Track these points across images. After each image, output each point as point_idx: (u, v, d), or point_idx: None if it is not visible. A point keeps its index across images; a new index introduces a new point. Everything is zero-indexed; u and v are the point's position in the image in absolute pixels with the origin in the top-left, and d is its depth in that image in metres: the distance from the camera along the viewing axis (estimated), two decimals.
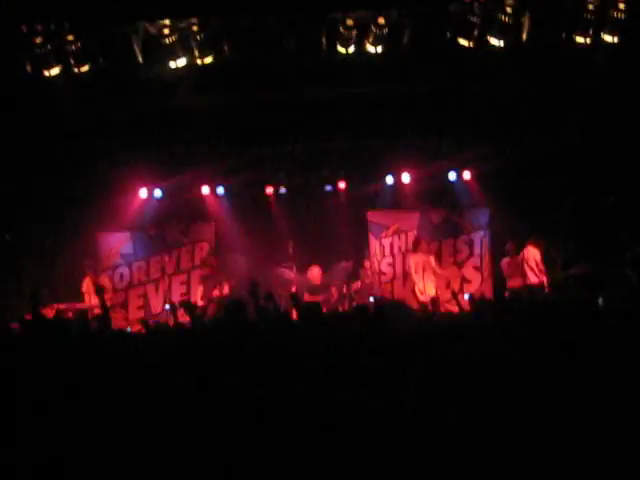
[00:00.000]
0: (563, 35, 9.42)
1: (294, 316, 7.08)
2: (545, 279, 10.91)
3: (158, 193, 12.22)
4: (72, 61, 9.37)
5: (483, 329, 4.89)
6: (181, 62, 9.60)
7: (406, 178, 12.31)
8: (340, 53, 9.70)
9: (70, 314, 10.30)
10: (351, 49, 9.64)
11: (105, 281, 11.21)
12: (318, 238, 12.36)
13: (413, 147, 12.05)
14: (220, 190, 12.43)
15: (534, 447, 3.22)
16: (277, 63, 9.78)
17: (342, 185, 12.58)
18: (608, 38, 9.34)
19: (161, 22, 9.33)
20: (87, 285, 11.10)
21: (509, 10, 9.19)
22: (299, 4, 9.15)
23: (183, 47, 9.54)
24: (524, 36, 9.49)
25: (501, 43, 9.38)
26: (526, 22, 9.35)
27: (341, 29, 9.43)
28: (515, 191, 11.74)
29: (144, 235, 12.10)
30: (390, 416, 3.51)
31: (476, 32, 9.44)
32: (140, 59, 9.56)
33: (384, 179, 12.45)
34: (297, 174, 12.47)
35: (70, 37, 9.22)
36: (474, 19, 9.36)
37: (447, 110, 11.06)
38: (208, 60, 9.62)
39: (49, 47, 9.21)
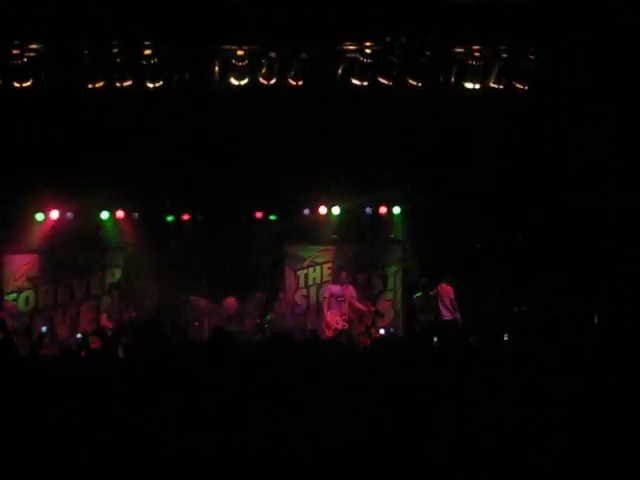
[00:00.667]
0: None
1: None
2: (458, 315, 11.14)
3: (70, 215, 11.89)
4: None
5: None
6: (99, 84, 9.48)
7: (323, 211, 12.42)
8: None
9: None
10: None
11: (8, 305, 10.80)
12: (233, 269, 12.28)
13: (332, 181, 12.18)
14: (135, 215, 12.20)
15: None
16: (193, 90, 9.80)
17: (259, 215, 12.57)
18: (518, 85, 9.76)
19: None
20: None
21: (428, 53, 9.51)
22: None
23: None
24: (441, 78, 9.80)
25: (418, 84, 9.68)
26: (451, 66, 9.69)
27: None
28: (429, 228, 12.01)
29: (53, 258, 11.72)
30: None
31: (395, 72, 9.71)
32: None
33: (302, 211, 12.52)
34: (215, 202, 12.39)
35: None
36: (394, 59, 9.65)
37: (366, 146, 11.26)
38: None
39: None
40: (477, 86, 9.81)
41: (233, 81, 9.80)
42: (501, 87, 9.83)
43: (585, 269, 10.91)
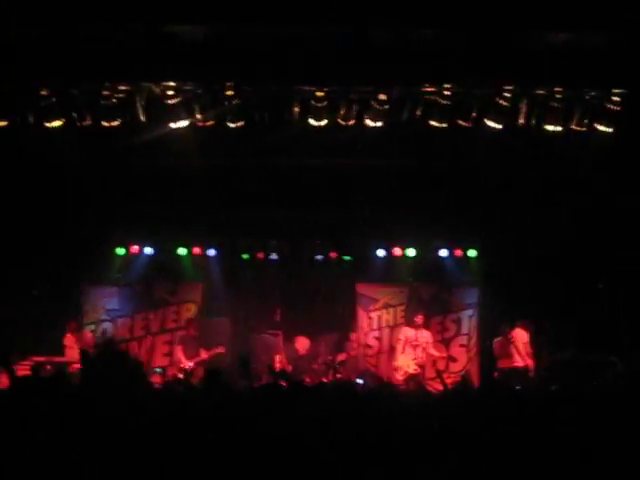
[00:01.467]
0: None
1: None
2: (531, 362, 10.82)
3: (149, 250, 12.19)
4: (75, 115, 9.44)
5: (467, 408, 4.79)
6: (182, 123, 9.69)
7: (398, 252, 12.36)
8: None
9: (49, 367, 10.15)
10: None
11: (87, 336, 11.06)
12: (306, 307, 12.30)
13: (406, 222, 12.12)
14: (211, 252, 12.40)
15: None
16: (274, 130, 9.90)
17: (333, 255, 12.60)
18: (602, 128, 9.51)
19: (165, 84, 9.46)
20: (69, 339, 10.92)
21: (507, 95, 9.40)
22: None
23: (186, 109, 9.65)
24: (520, 120, 9.64)
25: (498, 126, 9.55)
26: (523, 107, 9.52)
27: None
28: (506, 272, 11.77)
29: (131, 291, 12.00)
30: None
31: (474, 114, 9.63)
32: (142, 118, 9.64)
33: (375, 252, 12.48)
34: (290, 241, 12.49)
35: (74, 91, 9.33)
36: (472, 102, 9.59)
37: (442, 188, 11.18)
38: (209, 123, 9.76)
39: (53, 100, 9.29)
40: (559, 128, 9.63)
41: (312, 122, 9.89)
42: (584, 129, 9.59)
43: None
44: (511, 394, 5.12)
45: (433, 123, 9.78)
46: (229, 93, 9.53)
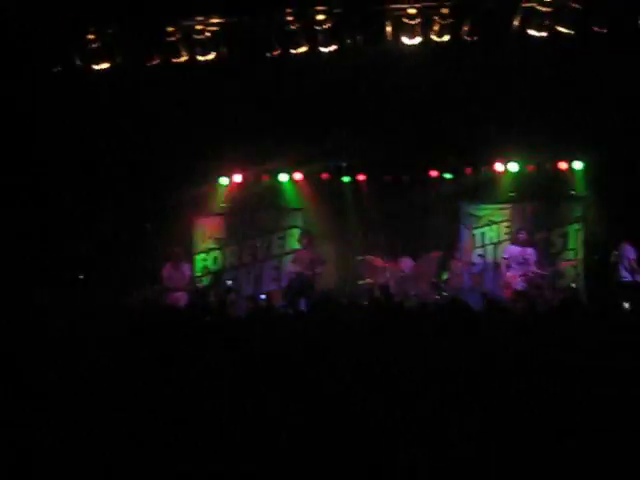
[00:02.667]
0: None
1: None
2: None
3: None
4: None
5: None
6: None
7: (500, 168, 12.13)
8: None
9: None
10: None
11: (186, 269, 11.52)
12: (409, 228, 12.33)
13: (509, 137, 11.82)
14: (301, 177, 12.53)
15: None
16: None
17: (434, 174, 12.49)
18: None
19: None
20: (168, 270, 11.24)
21: None
22: None
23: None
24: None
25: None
26: None
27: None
28: (613, 183, 11.35)
29: (236, 220, 12.34)
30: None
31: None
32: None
33: (478, 169, 12.30)
34: (391, 162, 12.44)
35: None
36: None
37: (545, 99, 10.77)
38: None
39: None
40: None
41: (405, 40, 9.70)
42: None
43: None
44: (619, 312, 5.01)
45: (532, 32, 9.43)
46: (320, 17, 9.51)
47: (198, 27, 9.58)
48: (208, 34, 9.68)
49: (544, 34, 9.44)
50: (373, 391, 3.67)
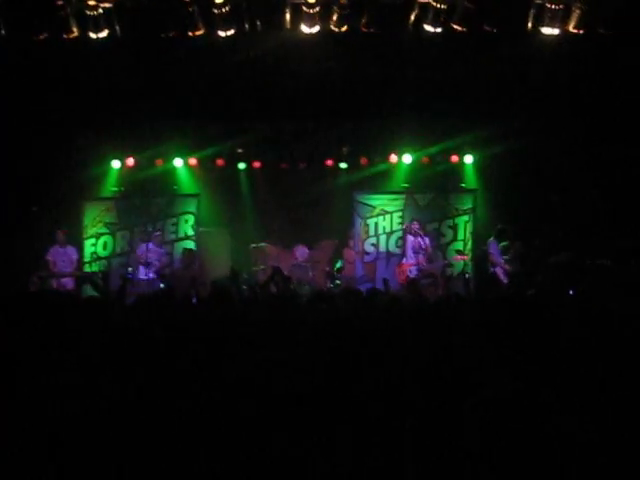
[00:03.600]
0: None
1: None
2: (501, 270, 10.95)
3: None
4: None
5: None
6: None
7: (394, 159, 12.41)
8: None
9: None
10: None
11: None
12: (304, 217, 12.42)
13: (404, 129, 12.09)
14: (195, 162, 12.40)
15: None
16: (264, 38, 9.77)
17: (330, 163, 12.63)
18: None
19: None
20: (53, 254, 11.02)
21: None
22: None
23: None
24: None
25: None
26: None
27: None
28: (502, 177, 11.83)
29: (128, 205, 12.05)
30: None
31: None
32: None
33: (373, 160, 12.52)
34: (286, 151, 12.47)
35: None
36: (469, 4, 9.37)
37: (439, 93, 11.04)
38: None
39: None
40: (556, 31, 9.45)
41: (304, 29, 9.69)
42: (580, 32, 9.41)
43: None
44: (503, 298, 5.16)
45: (428, 28, 9.63)
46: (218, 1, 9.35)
47: (91, 3, 9.20)
48: (101, 11, 9.31)
49: (439, 30, 9.65)
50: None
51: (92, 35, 9.46)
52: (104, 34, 9.49)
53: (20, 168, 11.20)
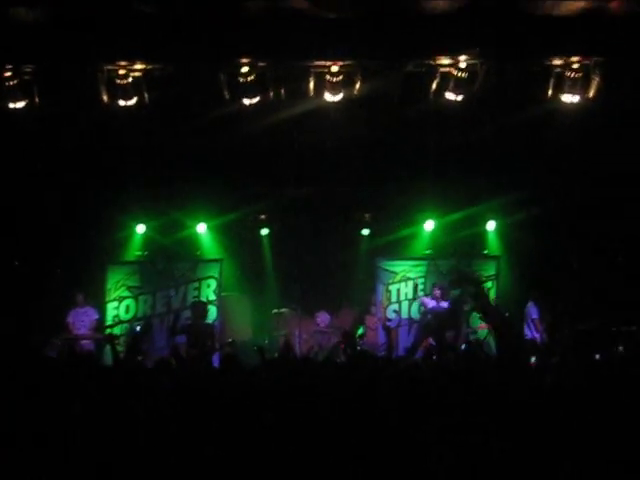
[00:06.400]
0: None
1: None
2: (539, 337, 10.79)
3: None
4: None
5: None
6: None
7: (416, 226, 12.43)
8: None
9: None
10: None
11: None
12: (326, 283, 12.39)
13: (425, 196, 12.15)
14: (218, 227, 12.52)
15: None
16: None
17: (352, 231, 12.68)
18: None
19: None
20: (72, 316, 11.15)
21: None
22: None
23: None
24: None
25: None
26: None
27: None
28: (525, 244, 11.78)
29: (151, 269, 12.12)
30: None
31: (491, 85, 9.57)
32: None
33: (394, 226, 12.55)
34: (308, 217, 12.54)
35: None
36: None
37: (461, 161, 11.11)
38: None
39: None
40: (576, 99, 9.53)
41: (327, 97, 9.86)
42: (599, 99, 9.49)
43: None
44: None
45: (449, 96, 9.74)
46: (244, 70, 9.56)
47: (121, 72, 9.46)
48: (130, 79, 9.57)
49: (460, 98, 9.77)
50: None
51: (121, 102, 9.69)
52: (133, 102, 9.72)
53: (45, 230, 11.36)
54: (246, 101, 9.86)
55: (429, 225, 12.48)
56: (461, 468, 3.32)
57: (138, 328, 10.95)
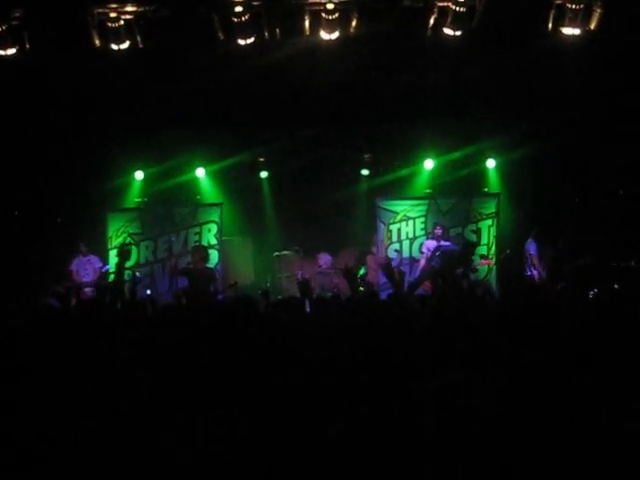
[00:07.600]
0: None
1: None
2: (537, 274, 10.85)
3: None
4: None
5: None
6: None
7: (429, 164, 12.38)
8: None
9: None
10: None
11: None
12: (326, 224, 12.41)
13: (425, 135, 12.06)
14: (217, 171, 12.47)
15: None
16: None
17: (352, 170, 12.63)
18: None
19: None
20: (76, 264, 11.30)
21: None
22: None
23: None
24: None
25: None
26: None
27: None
28: (526, 181, 11.75)
29: (152, 215, 12.12)
30: None
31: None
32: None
33: (394, 166, 12.50)
34: (305, 158, 12.48)
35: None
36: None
37: (460, 98, 10.98)
38: None
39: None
40: (577, 32, 9.37)
41: (323, 35, 9.70)
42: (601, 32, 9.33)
43: None
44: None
45: (447, 31, 9.59)
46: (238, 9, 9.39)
47: (112, 15, 9.30)
48: (122, 22, 9.40)
49: (458, 33, 9.61)
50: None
51: (114, 46, 9.54)
52: (125, 45, 9.57)
53: (44, 180, 11.32)
54: (241, 41, 9.72)
55: (429, 164, 12.44)
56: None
57: (138, 274, 10.99)
